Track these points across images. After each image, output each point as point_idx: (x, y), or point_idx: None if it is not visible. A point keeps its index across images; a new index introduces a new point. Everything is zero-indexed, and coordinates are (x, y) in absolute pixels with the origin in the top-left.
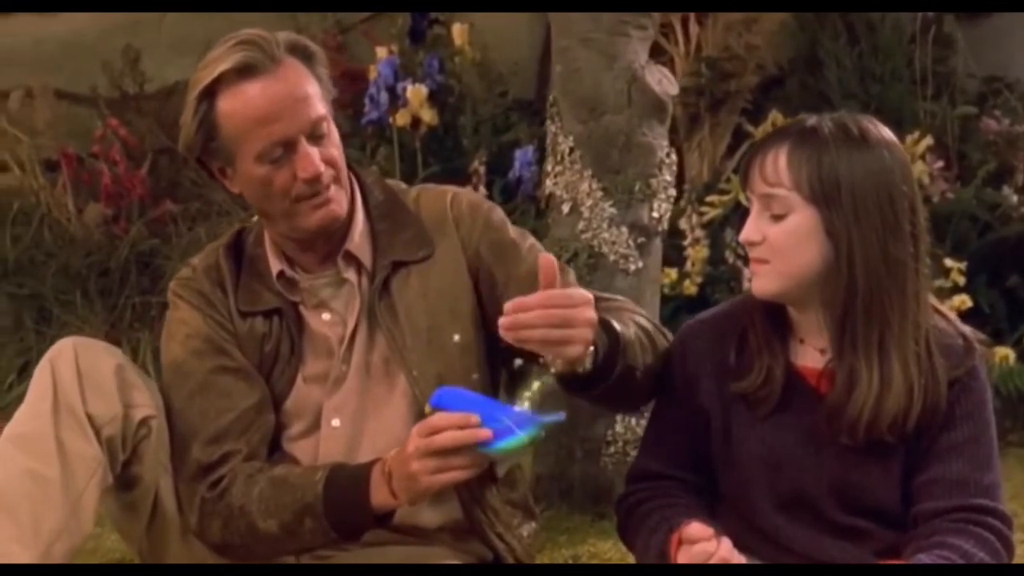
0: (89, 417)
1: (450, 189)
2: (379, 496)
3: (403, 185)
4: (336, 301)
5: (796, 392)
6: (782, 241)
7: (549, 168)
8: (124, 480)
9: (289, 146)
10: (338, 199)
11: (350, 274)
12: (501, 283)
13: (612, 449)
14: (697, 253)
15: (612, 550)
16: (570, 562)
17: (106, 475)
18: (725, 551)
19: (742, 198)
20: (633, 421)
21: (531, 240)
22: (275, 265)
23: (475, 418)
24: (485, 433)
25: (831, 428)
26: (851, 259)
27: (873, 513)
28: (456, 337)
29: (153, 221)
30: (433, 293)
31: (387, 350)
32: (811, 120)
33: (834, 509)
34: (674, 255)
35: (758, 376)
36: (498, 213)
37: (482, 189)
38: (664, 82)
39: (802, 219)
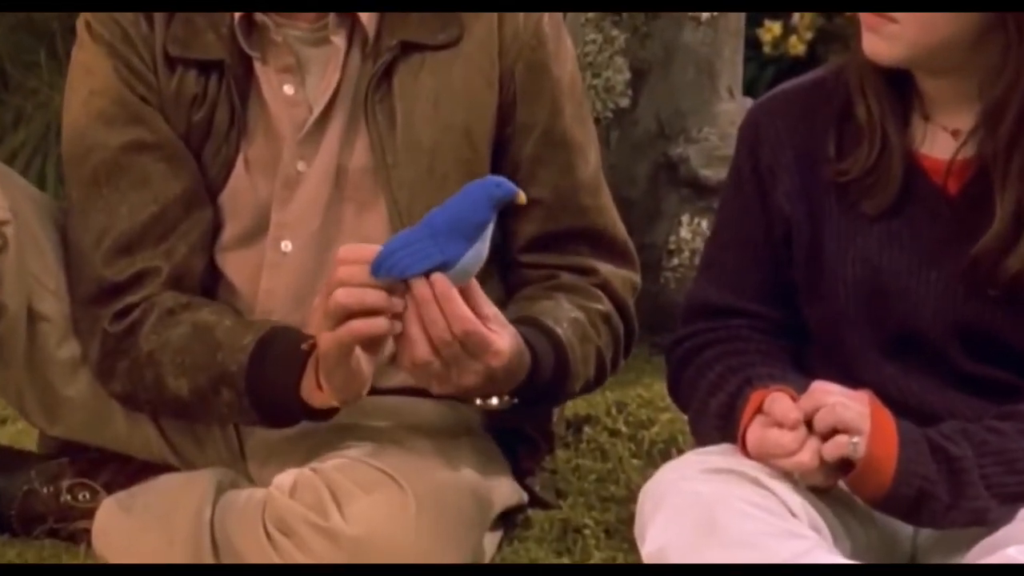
0: None
1: None
2: (308, 384)
3: None
4: (311, 67)
5: (913, 191)
6: None
7: None
8: None
9: None
10: None
11: (339, 38)
12: (514, 127)
13: (675, 261)
14: None
15: None
16: (614, 410)
17: None
18: (808, 457)
19: None
20: (704, 224)
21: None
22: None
23: (373, 248)
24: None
25: (975, 277)
26: None
27: (1014, 362)
28: (464, 168)
29: None
30: (448, 100)
31: (368, 159)
32: None
33: (960, 354)
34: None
35: (868, 156)
36: (556, 34)
37: None
38: None
39: None
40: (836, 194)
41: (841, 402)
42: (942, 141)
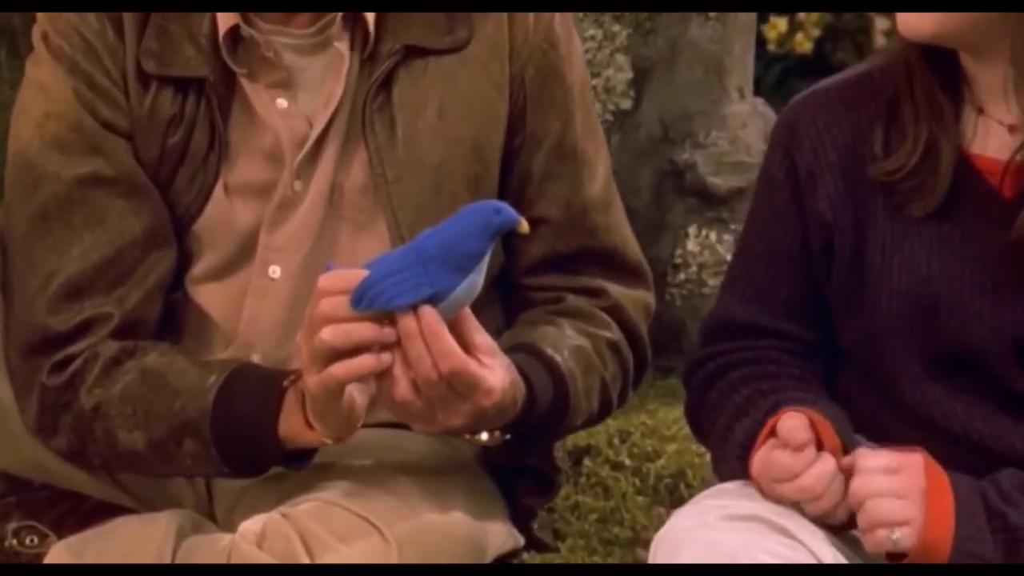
0: None
1: None
2: (291, 423)
3: None
4: (303, 79)
5: (965, 193)
6: None
7: None
8: None
9: None
10: None
11: (342, 44)
12: (524, 138)
13: (682, 276)
14: None
15: (679, 421)
16: (616, 440)
17: None
18: (813, 480)
19: None
20: (713, 236)
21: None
22: (227, 16)
23: (358, 274)
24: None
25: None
26: None
27: None
28: (473, 186)
29: None
30: (455, 110)
31: (366, 177)
32: None
33: (1015, 374)
34: None
35: (914, 152)
36: (568, 36)
37: None
38: None
39: None
40: (883, 197)
41: (881, 490)
42: (997, 138)
